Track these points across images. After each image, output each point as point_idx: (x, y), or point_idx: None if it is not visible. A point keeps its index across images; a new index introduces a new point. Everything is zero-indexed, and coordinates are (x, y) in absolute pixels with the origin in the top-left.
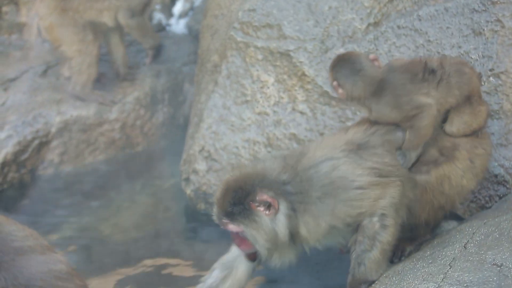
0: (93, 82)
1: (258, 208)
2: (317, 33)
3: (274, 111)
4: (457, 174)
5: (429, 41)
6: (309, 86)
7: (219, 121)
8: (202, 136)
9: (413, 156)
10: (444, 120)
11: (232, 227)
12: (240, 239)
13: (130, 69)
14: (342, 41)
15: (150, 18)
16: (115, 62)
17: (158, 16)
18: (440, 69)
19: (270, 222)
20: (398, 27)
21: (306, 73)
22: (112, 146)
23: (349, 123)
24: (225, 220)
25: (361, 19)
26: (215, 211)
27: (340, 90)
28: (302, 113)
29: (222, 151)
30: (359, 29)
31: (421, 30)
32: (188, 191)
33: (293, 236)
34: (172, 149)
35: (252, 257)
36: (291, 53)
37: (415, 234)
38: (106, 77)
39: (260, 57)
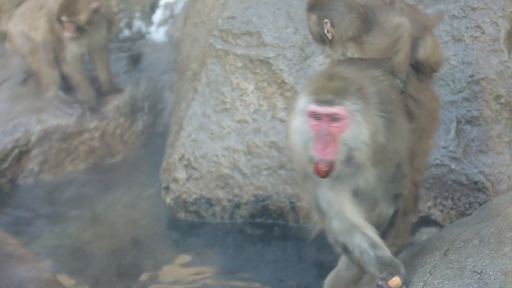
0: (55, 87)
1: (367, 94)
2: (296, 41)
3: (254, 119)
4: (428, 144)
5: None
6: (288, 94)
7: (199, 129)
8: (182, 144)
9: (404, 78)
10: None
11: (341, 110)
12: (333, 136)
13: (113, 88)
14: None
15: (130, 26)
16: (98, 77)
17: (138, 24)
18: (398, 2)
19: (374, 116)
20: None
21: (286, 80)
22: (92, 154)
23: None
24: (333, 101)
25: None
26: (313, 96)
27: (332, 29)
28: (281, 120)
29: (202, 159)
30: None
31: None
32: (168, 200)
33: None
34: (152, 158)
35: (325, 172)
36: (271, 61)
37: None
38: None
39: (239, 64)
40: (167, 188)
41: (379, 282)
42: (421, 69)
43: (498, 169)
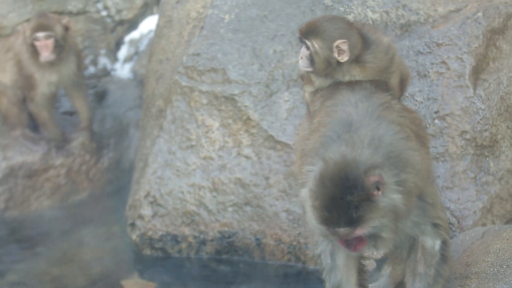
0: (22, 126)
1: (375, 193)
2: (261, 77)
3: (219, 156)
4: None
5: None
6: (254, 130)
7: (164, 166)
8: (147, 181)
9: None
10: None
11: (361, 231)
12: (358, 242)
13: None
14: (287, 84)
15: (95, 63)
16: (78, 114)
17: (103, 61)
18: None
19: (386, 200)
20: None
21: (251, 117)
22: (58, 191)
23: (293, 167)
24: (349, 229)
25: None
26: (329, 227)
27: (347, 52)
28: (247, 157)
29: (168, 196)
30: None
31: None
32: (134, 237)
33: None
34: (118, 194)
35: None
36: (236, 97)
37: None
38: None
39: (205, 101)
40: (133, 225)
41: None
42: (402, 88)
43: (463, 205)
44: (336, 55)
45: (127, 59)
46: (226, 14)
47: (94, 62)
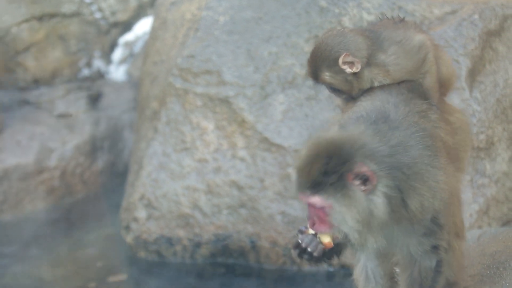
0: None
1: (354, 181)
2: (256, 79)
3: (214, 158)
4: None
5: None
6: (249, 133)
7: (159, 168)
8: (142, 184)
9: (436, 103)
10: None
11: (318, 201)
12: (320, 217)
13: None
14: (282, 86)
15: (89, 66)
16: None
17: (97, 63)
18: (407, 21)
19: (365, 200)
20: None
21: (246, 119)
22: (52, 194)
23: (289, 169)
24: (309, 192)
25: (301, 64)
26: (296, 181)
27: (355, 60)
28: (242, 159)
29: (162, 199)
30: (299, 74)
31: None
32: (128, 239)
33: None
34: (112, 197)
35: (329, 244)
36: (231, 99)
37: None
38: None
39: (199, 103)
40: (127, 227)
41: None
42: (442, 90)
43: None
44: (349, 70)
45: (122, 61)
46: (220, 16)
47: (89, 65)
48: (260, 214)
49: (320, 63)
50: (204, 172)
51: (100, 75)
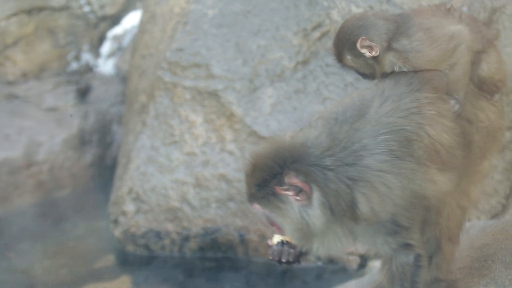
0: None
1: (286, 192)
2: (245, 72)
3: (203, 152)
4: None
5: (358, 79)
6: (237, 126)
7: (147, 162)
8: (130, 177)
9: (462, 97)
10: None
11: (259, 209)
12: (271, 222)
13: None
14: (271, 80)
15: (78, 59)
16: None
17: (86, 57)
18: (456, 10)
19: (299, 210)
20: (327, 65)
21: (235, 113)
22: (41, 188)
23: None
24: (249, 201)
25: (290, 57)
26: (246, 184)
27: (372, 44)
28: (230, 153)
29: (151, 192)
30: (287, 67)
31: None
32: (117, 233)
33: (343, 217)
34: (101, 191)
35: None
36: (219, 93)
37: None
38: None
39: (188, 97)
40: (115, 221)
41: None
42: (483, 87)
43: None
44: (368, 54)
45: (110, 55)
46: (209, 9)
47: (77, 58)
48: (249, 208)
49: (341, 46)
50: (192, 166)
51: (88, 69)
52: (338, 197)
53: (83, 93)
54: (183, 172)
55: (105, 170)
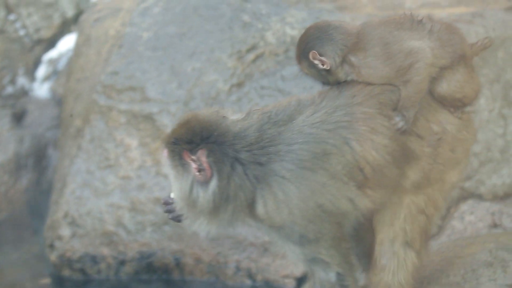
0: None
1: (191, 162)
2: (180, 95)
3: (138, 175)
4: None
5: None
6: None
7: (83, 186)
8: (65, 201)
9: (411, 115)
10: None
11: (165, 156)
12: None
13: None
14: (206, 102)
15: (13, 83)
16: None
17: (21, 81)
18: (429, 21)
19: (192, 184)
20: (262, 87)
21: None
22: None
23: None
24: (165, 146)
25: (225, 80)
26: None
27: (323, 59)
28: (166, 176)
29: (86, 216)
30: (222, 90)
31: (284, 90)
32: (53, 258)
33: (242, 210)
34: (37, 215)
35: None
36: (154, 116)
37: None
38: None
39: (123, 120)
40: (51, 245)
41: None
42: (444, 103)
43: None
44: (320, 66)
45: (46, 79)
46: (144, 31)
47: (12, 82)
48: (184, 231)
49: (298, 53)
50: (128, 189)
51: (24, 93)
52: (239, 191)
53: (18, 117)
54: (119, 196)
55: (41, 194)
